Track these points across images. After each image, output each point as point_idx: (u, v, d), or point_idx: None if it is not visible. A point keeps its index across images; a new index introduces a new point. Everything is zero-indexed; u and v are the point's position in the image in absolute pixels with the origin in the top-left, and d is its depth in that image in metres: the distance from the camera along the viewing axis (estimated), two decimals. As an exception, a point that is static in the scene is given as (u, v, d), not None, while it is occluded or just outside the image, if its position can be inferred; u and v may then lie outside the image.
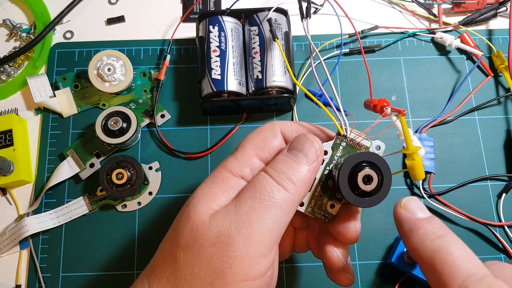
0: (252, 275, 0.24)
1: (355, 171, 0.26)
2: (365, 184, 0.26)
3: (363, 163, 0.26)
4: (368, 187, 0.26)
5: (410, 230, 0.24)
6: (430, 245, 0.23)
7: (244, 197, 0.26)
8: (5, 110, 0.46)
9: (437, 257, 0.22)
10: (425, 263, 0.23)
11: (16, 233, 0.41)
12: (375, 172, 0.26)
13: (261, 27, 0.43)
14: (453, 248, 0.22)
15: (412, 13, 0.50)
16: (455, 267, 0.22)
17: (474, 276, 0.21)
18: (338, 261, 0.30)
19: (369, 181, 0.26)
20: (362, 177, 0.26)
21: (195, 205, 0.26)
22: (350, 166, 0.26)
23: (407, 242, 0.25)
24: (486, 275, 0.21)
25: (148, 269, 0.27)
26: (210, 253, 0.24)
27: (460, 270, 0.21)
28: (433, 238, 0.23)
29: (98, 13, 0.50)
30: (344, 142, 0.29)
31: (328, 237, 0.30)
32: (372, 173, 0.26)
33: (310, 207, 0.29)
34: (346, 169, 0.26)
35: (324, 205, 0.29)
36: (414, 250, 0.24)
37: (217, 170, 0.28)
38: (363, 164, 0.26)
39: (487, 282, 0.21)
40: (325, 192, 0.29)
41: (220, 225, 0.25)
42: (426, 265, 0.23)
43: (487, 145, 0.45)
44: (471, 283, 0.21)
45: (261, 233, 0.25)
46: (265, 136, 0.29)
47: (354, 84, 0.47)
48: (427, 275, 0.23)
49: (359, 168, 0.26)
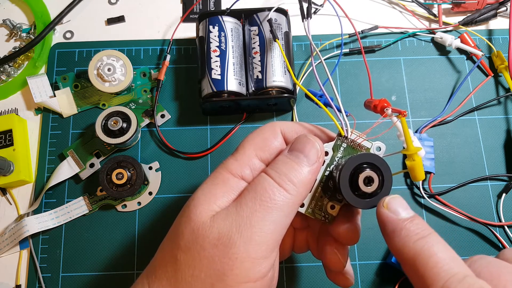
0: (253, 277, 0.24)
1: (356, 172, 0.26)
2: (366, 185, 0.26)
3: (364, 164, 0.26)
4: (369, 188, 0.26)
5: (392, 231, 0.24)
6: (413, 247, 0.23)
7: (245, 198, 0.26)
8: (5, 110, 0.46)
9: (419, 259, 0.22)
10: (407, 264, 0.23)
11: (16, 233, 0.41)
12: (376, 174, 0.26)
13: (261, 27, 0.43)
14: (435, 249, 0.22)
15: (412, 13, 0.50)
16: (437, 269, 0.22)
17: (455, 277, 0.21)
18: (338, 262, 0.30)
19: (370, 182, 0.26)
20: (363, 179, 0.26)
21: (195, 206, 0.26)
22: (351, 167, 0.26)
23: (390, 243, 0.25)
24: (467, 275, 0.21)
25: (148, 270, 0.27)
26: (211, 254, 0.24)
27: (442, 272, 0.21)
28: (416, 239, 0.23)
29: (98, 13, 0.50)
30: (344, 143, 0.29)
31: (328, 238, 0.30)
32: (373, 174, 0.26)
33: (310, 208, 0.29)
34: (347, 171, 0.26)
35: (325, 206, 0.29)
36: (396, 251, 0.24)
37: (217, 171, 0.28)
38: (364, 166, 0.26)
39: (467, 282, 0.21)
40: (326, 193, 0.29)
41: (221, 227, 0.25)
42: (409, 267, 0.23)
43: (487, 145, 0.45)
44: (452, 283, 0.21)
45: (263, 235, 0.25)
46: (265, 137, 0.29)
47: (354, 84, 0.47)
48: (410, 276, 0.23)
49: (360, 169, 0.26)
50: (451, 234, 0.42)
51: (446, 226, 0.42)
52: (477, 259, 0.24)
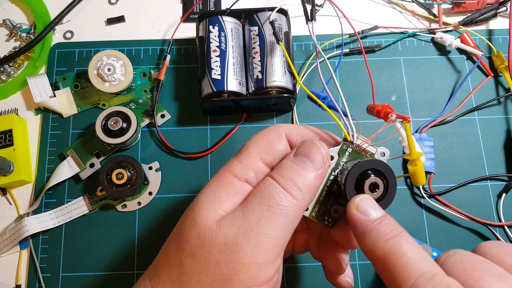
0: (259, 282, 0.24)
1: (362, 178, 0.26)
2: (371, 191, 0.26)
3: (369, 170, 0.27)
4: (374, 194, 0.26)
5: (363, 232, 0.24)
6: (383, 247, 0.23)
7: (252, 203, 0.25)
8: (5, 110, 0.46)
9: (389, 259, 0.23)
10: (378, 264, 0.23)
11: (16, 233, 0.41)
12: (381, 180, 0.26)
13: (261, 27, 0.43)
14: (405, 249, 0.23)
15: (412, 13, 0.50)
16: (406, 269, 0.22)
17: (424, 276, 0.21)
18: (339, 265, 0.30)
19: (375, 188, 0.26)
20: (369, 185, 0.26)
21: (200, 210, 0.26)
22: (357, 173, 0.26)
23: (361, 244, 0.25)
24: (436, 273, 0.21)
25: (151, 272, 0.27)
26: (218, 259, 0.24)
27: (411, 271, 0.22)
28: (385, 239, 0.23)
29: (98, 13, 0.50)
30: (350, 148, 0.29)
31: (330, 241, 0.30)
32: (378, 181, 0.26)
33: (314, 212, 0.29)
34: (353, 177, 0.26)
35: (328, 210, 0.29)
36: (367, 252, 0.24)
37: (221, 173, 0.28)
38: (369, 172, 0.27)
39: (435, 281, 0.21)
40: (329, 197, 0.29)
41: (228, 232, 0.25)
42: (380, 267, 0.23)
43: (487, 145, 0.45)
44: (421, 283, 0.21)
45: (269, 240, 0.25)
46: (270, 140, 0.29)
47: (354, 84, 0.47)
48: (382, 276, 0.23)
49: (366, 176, 0.26)
50: (451, 234, 0.42)
51: (446, 226, 0.42)
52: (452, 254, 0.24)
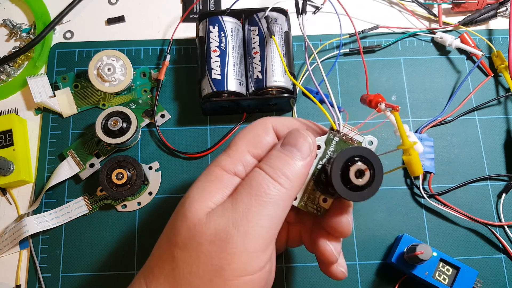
0: (250, 270, 0.25)
1: (347, 165, 0.26)
2: (357, 178, 0.26)
3: (356, 157, 0.27)
4: (360, 181, 0.26)
5: None
6: None
7: (240, 194, 0.26)
8: (5, 110, 0.46)
9: None
10: None
11: (16, 233, 0.41)
12: (367, 167, 0.26)
13: (261, 27, 0.43)
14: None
15: (412, 13, 0.50)
16: None
17: None
18: (331, 255, 0.30)
19: (361, 175, 0.26)
20: (354, 172, 0.26)
21: (190, 204, 0.26)
22: (343, 160, 0.27)
23: None
24: None
25: (145, 269, 0.27)
26: (209, 250, 0.24)
27: None
28: None
29: (98, 13, 0.50)
30: (337, 137, 0.29)
31: (321, 231, 0.30)
32: (364, 167, 0.26)
33: (303, 201, 0.29)
34: (339, 164, 0.27)
35: (317, 199, 0.29)
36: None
37: (210, 168, 0.28)
38: (356, 159, 0.27)
39: None
40: (318, 187, 0.29)
41: (218, 223, 0.25)
42: None
43: (487, 145, 0.45)
44: None
45: (259, 229, 0.25)
46: (257, 133, 0.29)
47: (354, 84, 0.47)
48: None
49: (351, 162, 0.27)
50: (451, 234, 0.42)
51: (446, 226, 0.42)
52: None
